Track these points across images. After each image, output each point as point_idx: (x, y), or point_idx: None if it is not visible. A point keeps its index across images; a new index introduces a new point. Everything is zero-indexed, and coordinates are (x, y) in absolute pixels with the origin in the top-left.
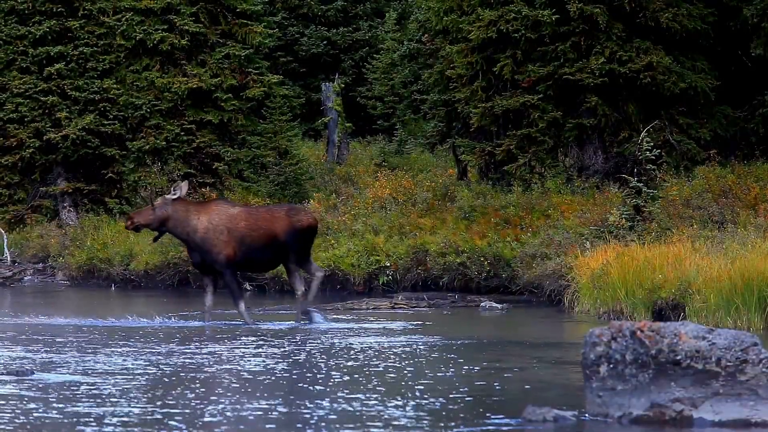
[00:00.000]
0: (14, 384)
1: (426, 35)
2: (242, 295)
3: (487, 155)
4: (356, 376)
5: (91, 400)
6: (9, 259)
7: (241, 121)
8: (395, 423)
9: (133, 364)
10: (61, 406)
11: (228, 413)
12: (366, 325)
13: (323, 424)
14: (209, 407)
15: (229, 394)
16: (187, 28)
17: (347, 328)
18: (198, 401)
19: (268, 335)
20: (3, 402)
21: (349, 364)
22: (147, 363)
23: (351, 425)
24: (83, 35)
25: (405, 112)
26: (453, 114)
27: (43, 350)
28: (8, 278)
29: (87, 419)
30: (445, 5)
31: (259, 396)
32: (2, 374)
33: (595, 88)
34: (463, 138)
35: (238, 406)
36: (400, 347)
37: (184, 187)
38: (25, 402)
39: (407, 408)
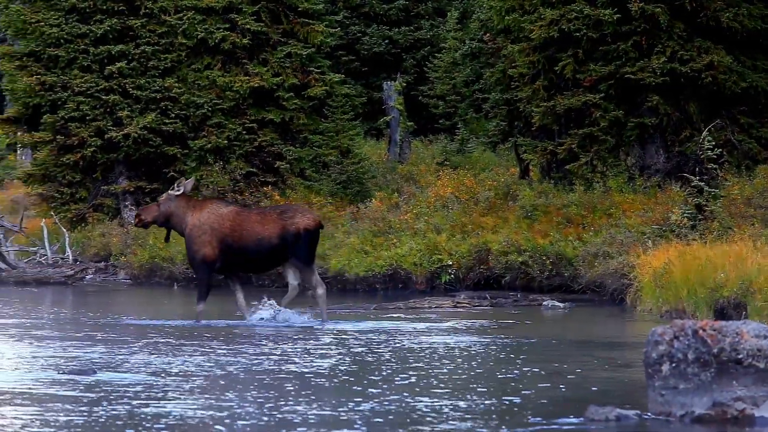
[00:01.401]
0: (75, 383)
1: (487, 34)
2: (205, 298)
3: (549, 154)
4: (421, 375)
5: (151, 400)
6: (71, 257)
7: (302, 120)
8: (459, 423)
9: (195, 364)
10: (120, 406)
11: (293, 413)
12: (429, 325)
13: (389, 423)
14: (273, 407)
15: (293, 394)
16: (248, 27)
17: (411, 328)
18: (263, 402)
19: (333, 335)
20: (63, 402)
21: (414, 363)
22: (210, 363)
23: (415, 424)
24: (144, 34)
25: (467, 111)
26: (515, 113)
27: (104, 349)
28: (70, 277)
29: (145, 419)
30: (507, 4)
31: (321, 396)
32: (63, 374)
33: (656, 88)
34: (525, 137)
35: (301, 407)
36: (463, 347)
37: (188, 184)
38: (84, 402)
39: (470, 408)
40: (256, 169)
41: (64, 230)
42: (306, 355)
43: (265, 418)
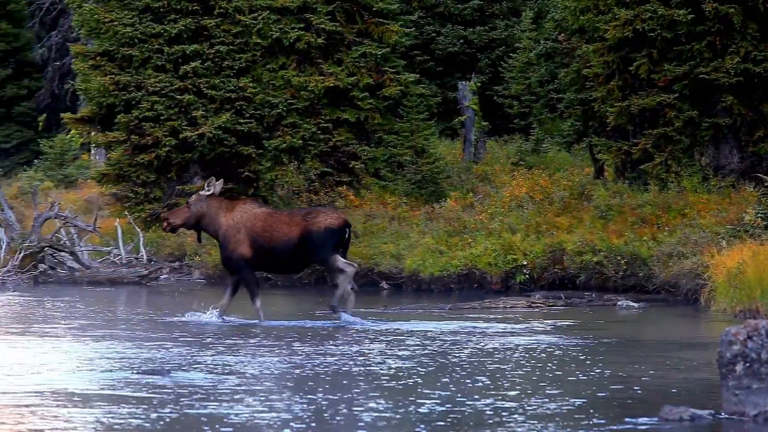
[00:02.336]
0: (148, 384)
1: (562, 34)
2: (258, 293)
3: (623, 154)
4: (495, 376)
5: (223, 400)
6: (145, 257)
7: (377, 119)
8: (534, 422)
9: (270, 364)
10: (194, 406)
11: (362, 414)
12: (504, 325)
13: (465, 422)
14: (342, 408)
15: (364, 394)
16: (323, 26)
17: (486, 328)
18: (333, 402)
19: (408, 335)
20: (136, 402)
21: (488, 364)
22: (284, 363)
23: (490, 424)
24: (219, 34)
25: (541, 111)
26: (589, 113)
27: (178, 349)
28: (144, 277)
29: (216, 420)
30: (582, 4)
31: (392, 396)
32: (137, 374)
33: (730, 88)
34: (600, 137)
35: (370, 407)
36: (537, 347)
37: (218, 185)
38: (156, 402)
39: (545, 407)
40: (331, 169)
41: (139, 230)
42: (379, 356)
43: (334, 419)
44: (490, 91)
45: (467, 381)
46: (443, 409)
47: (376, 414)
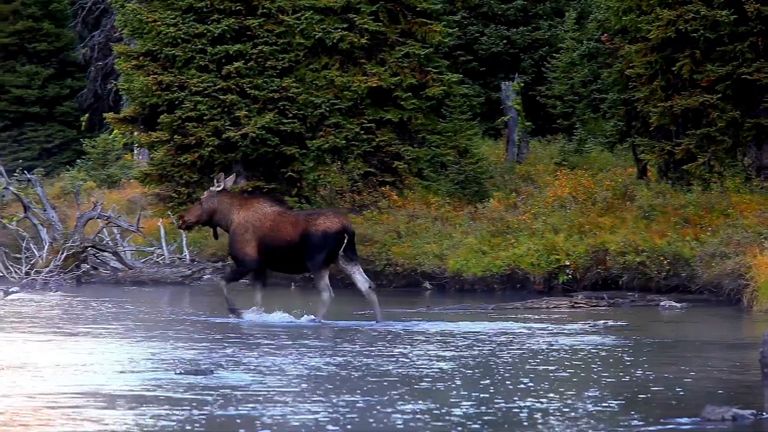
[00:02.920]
0: (193, 383)
1: (605, 35)
2: (233, 282)
3: (666, 154)
4: (537, 377)
5: (267, 401)
6: (188, 257)
7: (420, 119)
8: (573, 423)
9: (313, 365)
10: (237, 406)
11: (402, 415)
12: (547, 325)
13: (501, 423)
14: (383, 408)
15: (405, 395)
16: (366, 26)
17: (529, 329)
18: (374, 403)
19: (451, 336)
20: (181, 401)
21: (530, 365)
22: (328, 364)
23: (528, 426)
24: (262, 34)
25: (584, 111)
26: (632, 113)
27: (223, 349)
28: (187, 277)
29: (260, 420)
30: (624, 5)
31: (435, 397)
32: (181, 374)
33: None
34: (643, 137)
35: (409, 408)
36: (579, 347)
37: (228, 180)
38: (201, 402)
39: (585, 408)
40: (374, 169)
41: (182, 230)
42: (421, 357)
43: (372, 420)
44: (533, 91)
45: (508, 382)
46: (480, 410)
47: (412, 416)
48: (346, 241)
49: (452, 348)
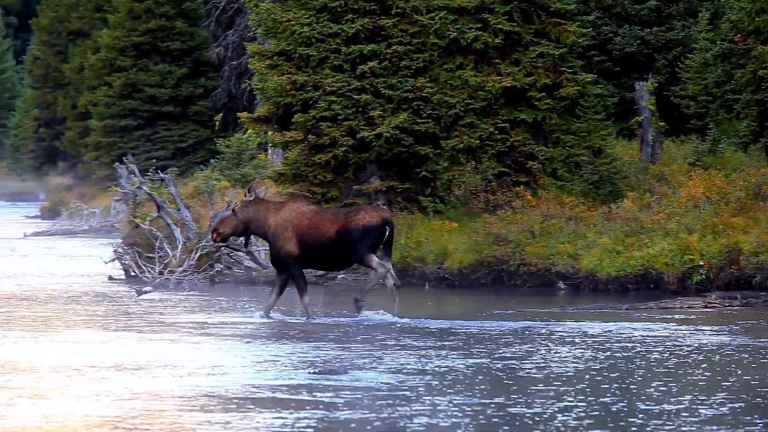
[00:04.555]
0: (325, 383)
1: (738, 35)
2: (306, 289)
3: None
4: (668, 378)
5: (401, 400)
6: None
7: (555, 119)
8: (701, 422)
9: (448, 365)
10: (368, 405)
11: (530, 415)
12: (680, 326)
13: (635, 421)
14: (510, 408)
15: (542, 396)
16: (500, 26)
17: (662, 329)
18: (502, 402)
19: (584, 336)
20: (314, 401)
21: (662, 365)
22: (463, 364)
23: (658, 422)
24: (396, 33)
25: (718, 111)
26: (766, 114)
27: (356, 349)
28: (321, 276)
29: (397, 419)
30: (757, 6)
31: (562, 397)
32: (314, 374)
33: None
34: None
35: (537, 408)
36: (712, 348)
37: (261, 190)
38: (332, 402)
39: (715, 409)
40: (508, 169)
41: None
42: (554, 357)
43: (503, 420)
44: (667, 91)
45: (636, 383)
46: (606, 411)
47: (551, 416)
48: (389, 233)
49: (586, 349)
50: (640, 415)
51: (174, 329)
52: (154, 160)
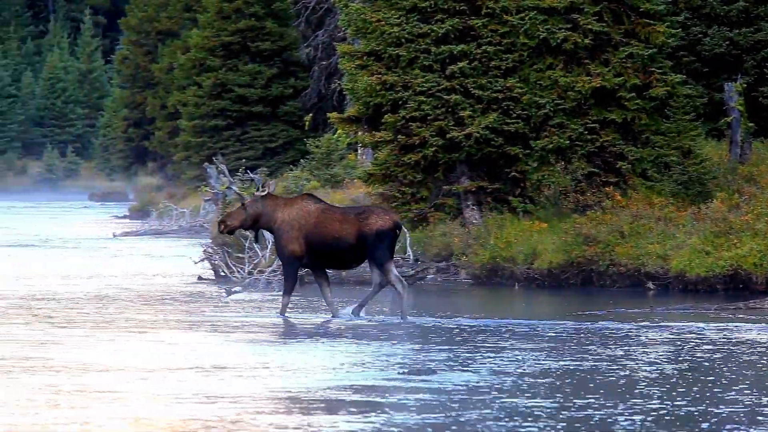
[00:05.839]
0: (416, 383)
1: None
2: (291, 291)
3: None
4: (753, 381)
5: (484, 401)
6: (412, 257)
7: (644, 120)
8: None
9: (537, 365)
10: (457, 406)
11: (617, 416)
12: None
13: (708, 423)
14: (595, 409)
15: (633, 397)
16: (590, 27)
17: (751, 329)
18: (600, 407)
19: (674, 336)
20: (405, 401)
21: (749, 368)
22: (551, 364)
23: (735, 425)
24: (486, 34)
25: None
26: None
27: (447, 349)
28: (411, 277)
29: (484, 419)
30: None
31: (653, 399)
32: (405, 374)
33: None
34: None
35: (650, 406)
36: None
37: (272, 184)
38: (423, 401)
39: None
40: (598, 170)
41: (405, 230)
42: (643, 359)
43: (587, 423)
44: (755, 92)
45: (722, 386)
46: (691, 415)
47: (641, 417)
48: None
49: (674, 350)
50: (726, 422)
51: (261, 330)
52: (244, 160)
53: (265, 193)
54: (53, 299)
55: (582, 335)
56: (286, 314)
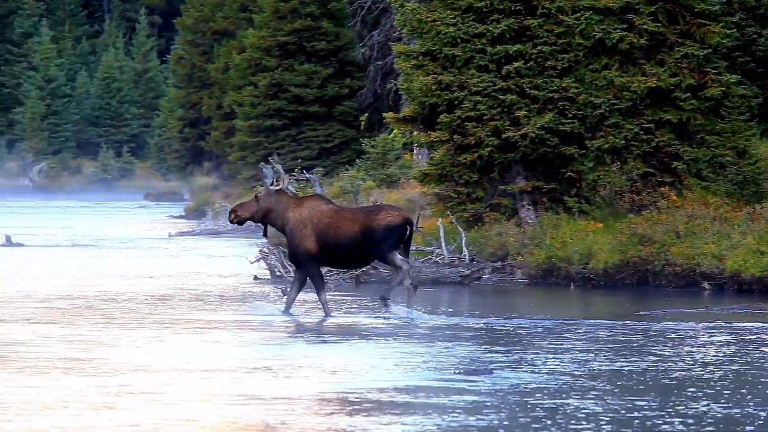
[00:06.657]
0: (472, 383)
1: None
2: (323, 287)
3: None
4: None
5: (539, 403)
6: (467, 257)
7: (699, 120)
8: None
9: (590, 364)
10: (514, 405)
11: (704, 416)
12: None
13: (753, 427)
14: (687, 409)
15: (686, 398)
16: (645, 27)
17: None
18: (651, 407)
19: (727, 335)
20: (462, 401)
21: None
22: (605, 364)
23: (753, 427)
24: (542, 34)
25: None
26: None
27: (503, 349)
28: (466, 277)
29: (538, 417)
30: None
31: (704, 399)
32: (461, 374)
33: None
34: None
35: (714, 407)
36: None
37: (286, 179)
38: (479, 402)
39: None
40: (653, 170)
41: (461, 230)
42: (698, 358)
43: (643, 423)
44: None
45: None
46: (740, 418)
47: (703, 417)
48: (410, 233)
49: (728, 350)
50: (751, 414)
51: (316, 330)
52: (300, 160)
53: (279, 187)
54: (114, 299)
55: (639, 335)
56: (330, 313)
